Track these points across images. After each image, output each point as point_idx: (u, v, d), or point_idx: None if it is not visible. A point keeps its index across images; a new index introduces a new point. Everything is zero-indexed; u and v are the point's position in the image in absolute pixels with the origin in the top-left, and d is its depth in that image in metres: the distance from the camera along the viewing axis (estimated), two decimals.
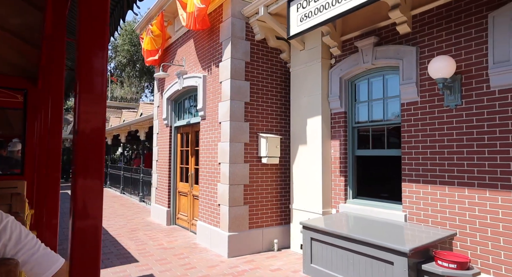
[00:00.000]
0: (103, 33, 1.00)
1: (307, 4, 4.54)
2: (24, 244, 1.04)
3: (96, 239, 0.97)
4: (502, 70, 3.34)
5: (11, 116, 4.55)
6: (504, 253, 3.31)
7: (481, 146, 3.52)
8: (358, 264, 3.61)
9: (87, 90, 0.97)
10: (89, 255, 0.96)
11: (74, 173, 0.96)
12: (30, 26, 2.81)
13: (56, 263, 1.07)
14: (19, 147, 4.39)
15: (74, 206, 0.95)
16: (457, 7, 3.79)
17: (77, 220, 0.95)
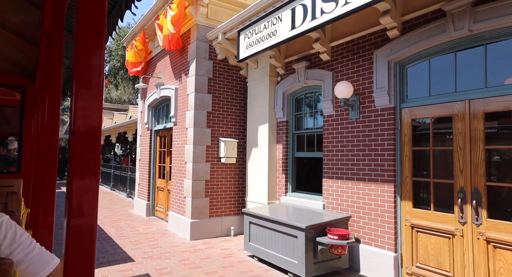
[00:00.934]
0: (101, 32, 1.00)
1: (251, 35, 5.67)
2: (19, 243, 1.03)
3: (91, 239, 0.96)
4: (381, 94, 4.48)
5: (8, 114, 4.49)
6: (380, 230, 4.45)
7: (370, 150, 4.66)
8: (278, 239, 4.73)
9: (84, 88, 0.96)
10: (83, 255, 0.95)
11: (70, 171, 0.95)
12: (29, 24, 2.79)
13: (51, 262, 1.06)
14: (15, 144, 4.35)
15: (69, 204, 0.95)
16: (357, 44, 4.93)
17: (72, 219, 0.94)
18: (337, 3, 4.04)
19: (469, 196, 3.64)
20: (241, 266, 4.92)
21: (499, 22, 3.39)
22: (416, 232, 4.15)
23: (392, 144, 4.39)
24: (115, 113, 19.22)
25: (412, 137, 4.29)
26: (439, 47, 4.00)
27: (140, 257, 5.29)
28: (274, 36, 5.11)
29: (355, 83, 4.89)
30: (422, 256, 4.08)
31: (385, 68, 4.47)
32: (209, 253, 5.58)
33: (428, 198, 4.10)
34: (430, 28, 3.98)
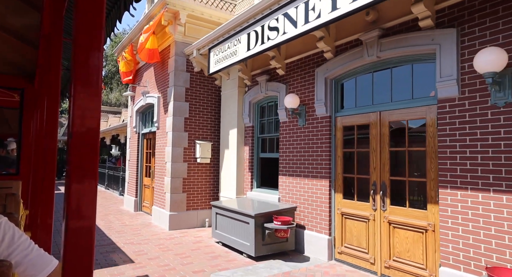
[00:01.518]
0: (99, 33, 1.01)
1: (219, 52, 6.60)
2: (18, 245, 1.03)
3: (89, 240, 0.96)
4: (320, 104, 5.41)
5: (7, 116, 4.46)
6: (319, 218, 5.38)
7: (313, 151, 5.58)
8: (236, 226, 5.65)
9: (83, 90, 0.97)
10: (82, 256, 0.96)
11: (68, 173, 0.96)
12: (28, 26, 2.79)
13: (49, 264, 1.06)
14: (14, 146, 4.34)
15: (67, 206, 0.95)
16: (305, 62, 5.87)
17: (70, 221, 0.94)
18: (278, 32, 4.97)
19: (378, 188, 4.58)
20: (206, 249, 5.85)
21: (397, 51, 4.33)
22: (344, 219, 5.08)
23: (328, 146, 5.32)
24: (109, 116, 20.14)
25: (343, 141, 5.22)
26: (360, 68, 4.94)
27: (122, 242, 6.21)
28: (235, 55, 6.04)
29: (302, 95, 5.82)
30: (348, 237, 5.01)
31: (323, 83, 5.40)
32: (183, 240, 6.50)
33: (353, 190, 5.03)
34: (353, 52, 4.92)
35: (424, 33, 4.02)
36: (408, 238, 4.22)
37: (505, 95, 3.29)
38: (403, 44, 4.25)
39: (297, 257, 5.34)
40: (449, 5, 3.82)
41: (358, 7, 3.74)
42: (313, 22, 4.34)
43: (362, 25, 4.79)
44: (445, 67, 3.78)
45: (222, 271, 4.70)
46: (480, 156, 3.48)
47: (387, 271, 4.43)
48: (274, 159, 6.81)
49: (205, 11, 7.72)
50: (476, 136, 3.52)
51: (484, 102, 3.47)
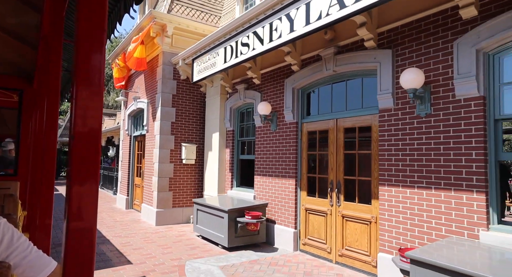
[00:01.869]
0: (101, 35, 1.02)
1: (201, 63, 7.25)
2: (16, 246, 1.03)
3: (90, 242, 0.97)
4: (288, 112, 6.06)
5: (6, 116, 4.49)
6: (287, 213, 6.01)
7: (282, 153, 6.22)
8: (213, 221, 6.28)
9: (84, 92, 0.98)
10: (83, 258, 0.96)
11: (69, 175, 0.96)
12: (27, 27, 2.78)
13: (48, 266, 1.06)
14: (12, 146, 4.36)
15: (68, 208, 0.94)
16: (276, 73, 6.51)
17: (71, 223, 0.94)
18: (248, 48, 5.61)
19: (335, 186, 5.22)
20: (187, 241, 6.47)
21: (350, 67, 4.98)
22: (308, 214, 5.72)
23: (295, 149, 5.97)
24: (105, 118, 20.76)
25: (307, 145, 5.87)
26: (321, 80, 5.59)
27: (111, 236, 6.83)
28: (214, 66, 6.69)
29: (274, 103, 6.47)
30: (311, 230, 5.64)
31: (291, 93, 6.05)
32: (167, 234, 7.12)
33: (315, 188, 5.67)
34: (315, 66, 5.57)
35: (369, 52, 4.67)
36: (356, 229, 4.86)
37: (426, 108, 3.94)
38: (353, 61, 4.90)
39: (266, 248, 5.98)
40: (387, 29, 4.48)
41: (312, 30, 4.38)
42: (275, 41, 4.99)
43: (322, 42, 5.44)
44: (384, 82, 4.44)
45: (197, 259, 5.33)
46: (408, 158, 4.13)
47: (340, 258, 5.06)
48: (252, 160, 7.44)
49: (191, 24, 8.37)
50: (406, 142, 4.17)
51: (412, 113, 4.12)
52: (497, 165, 3.46)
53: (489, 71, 3.54)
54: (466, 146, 3.59)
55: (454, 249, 3.19)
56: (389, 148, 4.37)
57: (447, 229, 3.71)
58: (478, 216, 3.46)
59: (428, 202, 3.90)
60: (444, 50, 3.84)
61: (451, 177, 3.70)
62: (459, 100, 3.68)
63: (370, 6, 3.65)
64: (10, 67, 3.95)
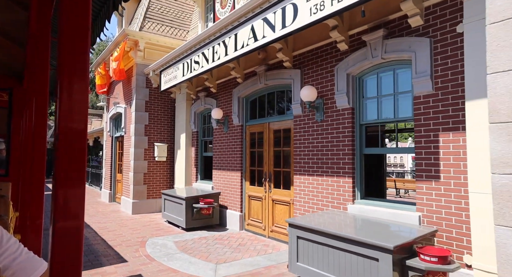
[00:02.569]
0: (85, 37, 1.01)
1: (166, 75, 8.49)
2: (6, 248, 1.00)
3: (77, 241, 0.96)
4: (234, 116, 7.35)
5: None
6: (235, 200, 7.31)
7: (232, 151, 7.50)
8: (175, 207, 7.55)
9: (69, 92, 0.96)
10: (70, 258, 0.95)
11: (56, 174, 0.95)
12: (15, 24, 2.75)
13: (39, 267, 1.02)
14: (3, 146, 4.25)
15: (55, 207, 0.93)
16: (226, 84, 7.79)
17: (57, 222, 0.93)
18: (199, 65, 6.88)
19: (267, 176, 6.53)
20: (155, 225, 7.75)
21: (275, 81, 6.28)
22: (250, 200, 7.03)
23: (241, 147, 7.26)
24: (93, 119, 21.88)
25: (250, 143, 7.17)
26: (258, 90, 6.88)
27: (91, 222, 8.08)
28: (176, 78, 7.95)
29: (226, 108, 7.75)
30: (252, 213, 6.95)
31: (237, 101, 7.34)
32: (140, 220, 8.39)
33: (255, 178, 6.97)
34: (253, 79, 6.85)
35: (286, 71, 5.97)
36: (281, 210, 6.18)
37: (320, 115, 5.25)
38: (277, 77, 6.20)
39: (219, 229, 7.28)
40: (298, 53, 5.77)
41: (231, 58, 5.65)
42: (216, 61, 6.26)
43: (257, 60, 6.72)
44: (296, 94, 5.74)
45: (158, 236, 6.62)
46: (310, 153, 5.44)
47: (271, 234, 6.38)
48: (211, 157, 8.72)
49: (160, 39, 9.60)
50: (309, 140, 5.48)
51: (313, 119, 5.43)
52: (362, 157, 4.79)
53: (356, 89, 4.85)
54: (343, 144, 4.91)
55: (324, 216, 4.51)
56: (299, 146, 5.67)
57: (332, 204, 5.04)
58: (348, 194, 4.79)
59: (321, 186, 5.22)
60: (331, 72, 5.15)
61: (334, 166, 5.02)
62: (339, 110, 4.99)
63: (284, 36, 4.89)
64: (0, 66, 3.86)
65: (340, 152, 4.95)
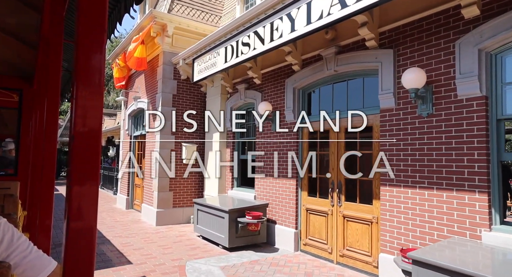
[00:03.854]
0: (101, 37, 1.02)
1: (201, 63, 7.23)
2: (16, 246, 1.03)
3: (90, 242, 0.98)
4: (288, 112, 6.04)
5: (5, 116, 4.50)
6: (288, 213, 6.00)
7: (283, 154, 6.20)
8: (213, 221, 6.26)
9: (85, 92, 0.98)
10: (83, 258, 0.96)
11: (69, 174, 0.96)
12: (27, 27, 2.79)
13: (48, 266, 1.05)
14: (12, 146, 4.36)
15: (69, 208, 0.95)
16: (277, 73, 6.50)
17: (71, 223, 0.94)
18: (249, 48, 5.60)
19: (336, 186, 5.20)
20: (187, 242, 6.46)
21: (351, 66, 4.96)
22: (308, 214, 5.71)
23: (295, 148, 5.95)
24: (105, 118, 20.76)
25: (308, 144, 5.85)
26: (322, 80, 5.57)
27: (111, 236, 6.81)
28: (215, 66, 6.68)
29: (275, 102, 6.45)
30: (312, 230, 5.63)
31: (292, 93, 6.03)
32: (167, 234, 7.11)
33: (315, 188, 5.65)
34: (316, 66, 5.55)
35: (370, 52, 4.65)
36: (358, 229, 4.84)
37: (427, 108, 3.92)
38: (355, 61, 4.89)
39: (267, 248, 5.96)
40: (388, 29, 4.46)
41: (313, 30, 4.37)
42: (276, 40, 4.97)
43: (323, 42, 5.42)
44: (385, 81, 4.42)
45: (198, 259, 5.32)
46: (410, 158, 4.11)
47: (341, 259, 5.05)
48: (253, 160, 7.42)
49: (191, 24, 8.35)
50: (407, 142, 4.15)
51: (413, 113, 4.10)
52: (499, 165, 3.45)
53: (491, 71, 3.52)
54: (468, 146, 3.58)
55: (456, 250, 3.17)
56: (390, 148, 4.35)
57: (448, 229, 3.69)
58: (480, 216, 3.45)
59: (429, 203, 3.88)
60: (446, 50, 3.82)
61: (453, 177, 3.68)
62: (461, 100, 3.66)
63: (371, 5, 3.64)
64: (10, 68, 3.97)
65: (464, 158, 3.61)
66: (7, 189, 3.30)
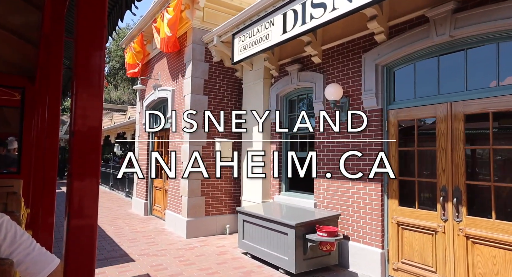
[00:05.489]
0: (101, 33, 1.01)
1: (245, 38, 5.83)
2: (19, 243, 1.03)
3: (91, 239, 0.96)
4: (369, 95, 4.64)
5: (8, 115, 4.50)
6: (368, 227, 4.61)
7: (360, 150, 4.81)
8: (270, 237, 4.89)
9: (85, 89, 0.97)
10: (84, 255, 0.95)
11: (70, 171, 0.95)
12: (29, 25, 2.79)
13: (51, 263, 1.06)
14: (15, 145, 4.35)
15: (69, 205, 0.94)
16: (347, 47, 5.09)
17: (72, 220, 0.94)
18: (325, 9, 4.20)
19: (450, 194, 3.80)
20: (234, 262, 5.08)
21: (478, 28, 3.55)
22: (402, 229, 4.31)
23: (379, 144, 4.55)
24: (114, 113, 19.41)
25: (399, 138, 4.45)
26: (423, 51, 4.16)
27: (136, 254, 5.45)
28: (267, 39, 5.27)
29: (345, 85, 5.05)
30: (407, 252, 4.24)
31: (373, 71, 4.63)
32: (204, 250, 5.73)
33: (413, 196, 4.25)
34: (415, 33, 4.14)
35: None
36: (496, 257, 3.44)
37: None
38: (487, 18, 3.47)
39: (342, 274, 4.58)
40: None
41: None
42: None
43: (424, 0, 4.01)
44: None
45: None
46: None
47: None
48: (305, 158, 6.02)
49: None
50: None
51: None
52: None
53: None
54: None
55: None
56: None
57: None
58: None
59: None
60: None
61: None
62: None
63: None
64: (12, 66, 3.90)
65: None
66: (10, 187, 3.28)
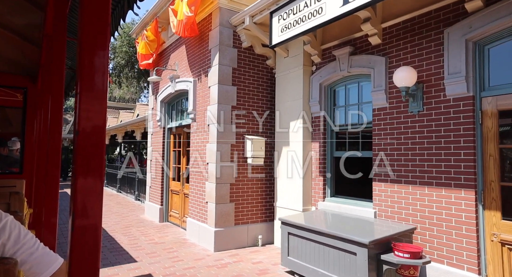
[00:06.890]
0: (105, 33, 1.01)
1: (287, 16, 4.90)
2: (23, 243, 1.04)
3: (95, 239, 0.97)
4: (455, 80, 3.70)
5: (10, 115, 4.50)
6: (455, 245, 3.67)
7: (439, 148, 3.88)
8: (328, 255, 3.96)
9: (88, 89, 0.97)
10: (88, 255, 0.96)
11: (74, 171, 0.96)
12: (31, 25, 2.80)
13: (55, 262, 1.07)
14: (18, 145, 4.37)
15: (73, 205, 0.95)
16: (420, 22, 4.16)
17: (76, 220, 0.94)
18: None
19: None
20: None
21: None
22: (508, 250, 3.37)
23: (471, 140, 3.61)
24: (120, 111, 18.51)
25: (499, 133, 3.51)
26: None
27: (161, 274, 4.52)
28: (319, 14, 4.34)
29: (417, 69, 4.11)
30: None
31: (462, 48, 3.69)
32: (240, 268, 4.81)
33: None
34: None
35: None
36: None
37: None
38: None
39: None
40: None
41: None
42: None
43: None
44: None
45: None
46: None
47: None
48: (356, 159, 5.10)
49: None
50: None
51: None
52: None
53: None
54: None
55: None
56: None
57: None
58: None
59: None
60: None
61: None
62: None
63: None
64: (14, 66, 3.89)
65: None
66: (13, 187, 3.20)
